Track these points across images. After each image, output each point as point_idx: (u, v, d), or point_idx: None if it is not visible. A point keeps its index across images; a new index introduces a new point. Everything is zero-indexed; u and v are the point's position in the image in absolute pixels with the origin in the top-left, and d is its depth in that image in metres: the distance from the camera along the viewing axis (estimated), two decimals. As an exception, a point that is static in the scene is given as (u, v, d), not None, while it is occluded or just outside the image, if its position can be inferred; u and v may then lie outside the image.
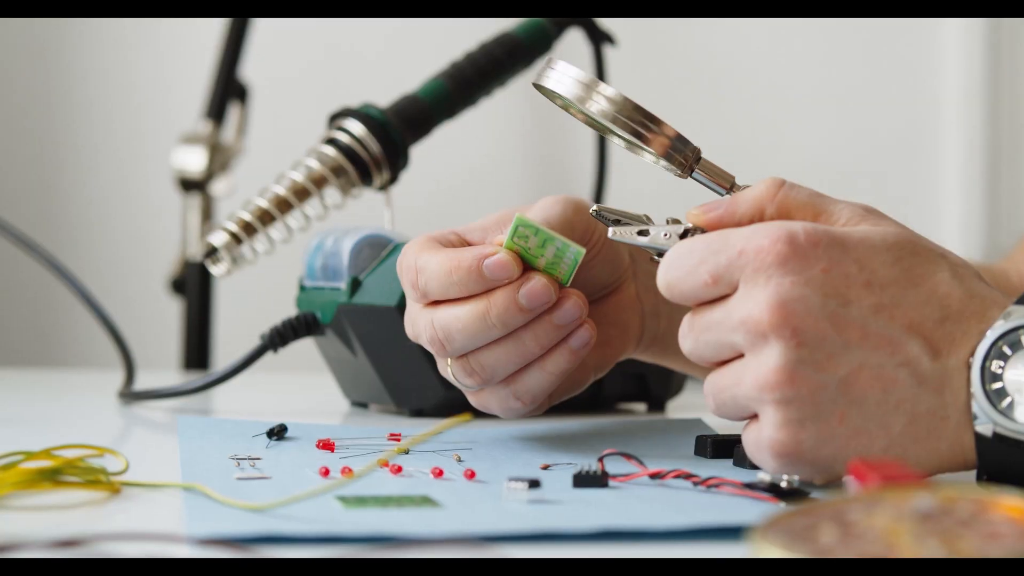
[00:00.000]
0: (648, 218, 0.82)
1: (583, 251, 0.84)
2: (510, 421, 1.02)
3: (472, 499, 0.73)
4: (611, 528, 0.66)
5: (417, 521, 0.68)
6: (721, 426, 0.93)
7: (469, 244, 0.89)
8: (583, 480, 0.76)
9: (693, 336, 0.76)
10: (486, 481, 0.78)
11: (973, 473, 0.74)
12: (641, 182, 0.93)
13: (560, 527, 0.66)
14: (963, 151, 2.00)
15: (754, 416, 0.74)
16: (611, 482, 0.76)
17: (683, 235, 0.79)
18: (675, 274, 0.76)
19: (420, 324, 0.87)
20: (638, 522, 0.67)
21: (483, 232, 0.89)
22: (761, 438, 0.73)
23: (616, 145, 0.85)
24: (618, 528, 0.66)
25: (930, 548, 0.51)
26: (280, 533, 0.64)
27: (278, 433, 0.90)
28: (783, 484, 0.73)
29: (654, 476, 0.76)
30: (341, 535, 0.64)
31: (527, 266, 0.85)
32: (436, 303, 0.86)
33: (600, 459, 0.77)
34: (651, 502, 0.73)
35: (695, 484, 0.75)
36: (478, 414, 1.03)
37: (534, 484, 0.74)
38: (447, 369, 0.88)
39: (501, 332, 0.85)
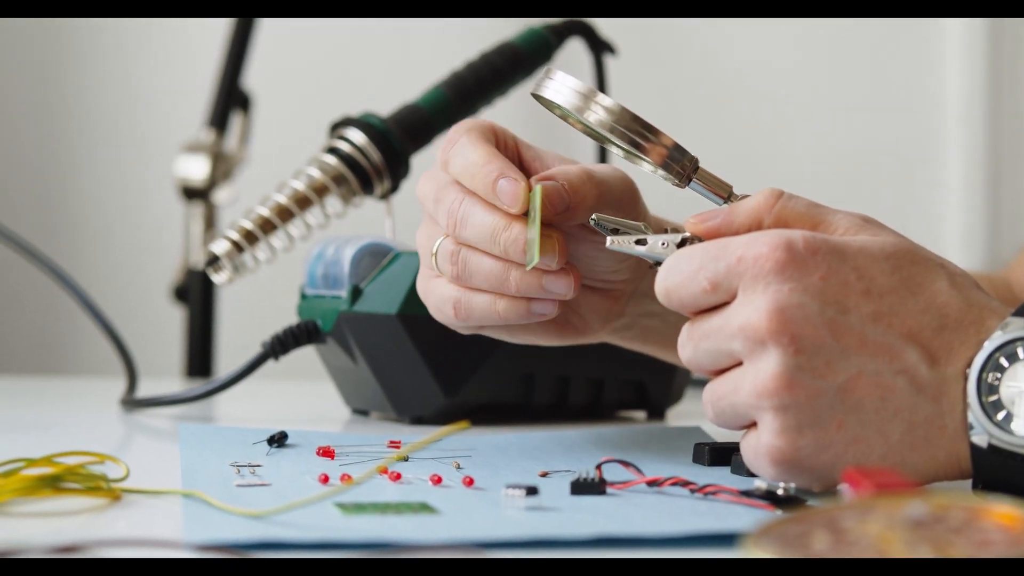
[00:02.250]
0: (647, 227, 0.82)
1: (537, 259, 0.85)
2: (511, 428, 1.02)
3: (470, 506, 0.74)
4: (607, 535, 0.66)
5: (415, 528, 0.68)
6: (719, 434, 0.94)
7: (518, 153, 0.90)
8: (581, 487, 0.76)
9: (692, 344, 0.76)
10: (484, 488, 0.78)
11: (969, 481, 0.74)
12: (641, 192, 0.93)
13: (556, 534, 0.66)
14: (965, 159, 2.00)
15: (752, 424, 0.75)
16: (608, 489, 0.76)
17: (680, 244, 0.79)
18: (674, 280, 0.76)
19: (447, 195, 0.87)
20: (634, 529, 0.67)
21: (536, 156, 0.90)
22: (759, 445, 0.74)
23: (615, 155, 0.85)
24: (614, 535, 0.66)
25: (922, 555, 0.52)
26: (278, 540, 0.64)
27: (278, 440, 0.91)
28: (780, 491, 0.73)
29: (651, 483, 0.77)
30: (339, 542, 0.64)
31: None
32: (468, 192, 0.87)
33: (598, 466, 0.77)
34: (648, 509, 0.73)
35: (692, 491, 0.76)
36: (476, 421, 1.04)
37: (532, 491, 0.74)
38: (433, 245, 0.88)
39: (499, 254, 0.85)
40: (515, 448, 0.91)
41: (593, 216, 0.83)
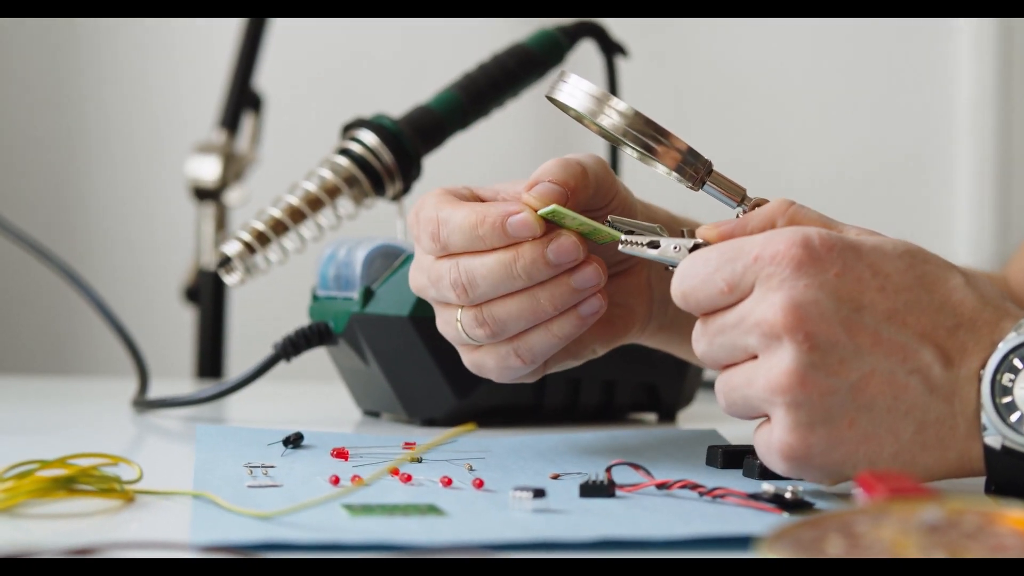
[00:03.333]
0: (661, 229, 0.82)
1: (621, 236, 0.84)
2: (523, 430, 1.02)
3: (478, 508, 0.74)
4: (612, 537, 0.66)
5: (421, 529, 0.68)
6: (734, 438, 0.94)
7: (481, 200, 0.89)
8: (589, 490, 0.76)
9: (706, 339, 0.76)
10: (495, 490, 0.78)
11: (981, 483, 0.74)
12: (654, 194, 0.93)
13: (562, 536, 0.66)
14: (975, 161, 2.00)
15: (766, 416, 0.75)
16: (618, 492, 0.77)
17: (693, 248, 0.79)
18: (691, 283, 0.76)
19: (440, 270, 0.86)
20: (639, 531, 0.67)
21: (494, 192, 0.89)
22: (771, 440, 0.74)
23: (629, 157, 0.85)
24: (619, 538, 0.66)
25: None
26: (283, 541, 0.65)
27: (294, 441, 0.91)
28: (787, 495, 0.73)
29: (660, 486, 0.77)
30: (344, 543, 0.64)
31: (555, 227, 0.85)
32: (455, 254, 0.86)
33: (608, 469, 0.77)
34: (655, 512, 0.73)
35: (701, 494, 0.76)
36: (487, 424, 1.03)
37: (539, 493, 0.74)
38: (456, 323, 0.87)
39: (524, 283, 0.84)
40: (528, 450, 0.91)
41: (608, 218, 0.83)
